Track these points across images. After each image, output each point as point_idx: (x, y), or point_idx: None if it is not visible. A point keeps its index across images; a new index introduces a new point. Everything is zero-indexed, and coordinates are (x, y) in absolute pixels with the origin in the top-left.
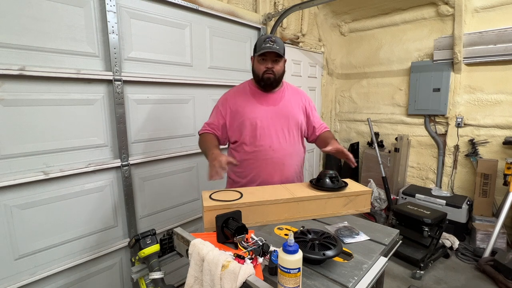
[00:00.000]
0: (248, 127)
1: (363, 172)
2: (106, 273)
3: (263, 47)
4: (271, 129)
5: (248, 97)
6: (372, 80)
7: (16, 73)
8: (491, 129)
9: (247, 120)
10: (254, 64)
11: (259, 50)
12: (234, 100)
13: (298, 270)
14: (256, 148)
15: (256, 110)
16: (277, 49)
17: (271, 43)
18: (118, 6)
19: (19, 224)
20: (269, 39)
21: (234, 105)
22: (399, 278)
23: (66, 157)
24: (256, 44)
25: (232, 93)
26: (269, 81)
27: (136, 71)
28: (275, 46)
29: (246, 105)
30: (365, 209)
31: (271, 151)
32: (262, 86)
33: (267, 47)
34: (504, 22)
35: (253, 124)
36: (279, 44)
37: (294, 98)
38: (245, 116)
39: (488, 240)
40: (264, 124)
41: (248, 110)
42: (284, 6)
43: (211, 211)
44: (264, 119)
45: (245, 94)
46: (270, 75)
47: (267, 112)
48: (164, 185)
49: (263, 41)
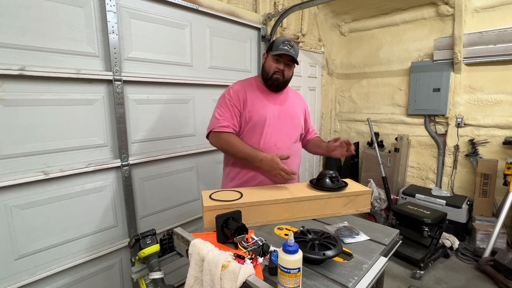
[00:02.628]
0: (256, 123)
1: (363, 172)
2: (106, 273)
3: (280, 48)
4: (278, 127)
5: (256, 92)
6: (372, 80)
7: (16, 73)
8: (491, 129)
9: (255, 116)
10: (266, 61)
11: (275, 50)
12: (244, 92)
13: (298, 270)
14: (261, 145)
15: (265, 107)
16: (293, 54)
17: (289, 47)
18: (118, 6)
19: (19, 224)
20: (288, 42)
21: (244, 96)
22: (399, 278)
23: (66, 157)
24: (274, 42)
25: (240, 85)
26: (277, 81)
27: (136, 71)
28: (292, 51)
29: (255, 100)
30: (365, 209)
31: (276, 149)
32: (269, 86)
33: (285, 49)
34: (504, 22)
35: (261, 120)
36: (295, 50)
37: (296, 100)
38: (253, 111)
39: (488, 240)
40: (272, 122)
41: (257, 105)
42: (284, 6)
43: (211, 211)
44: (272, 117)
45: (253, 89)
46: (279, 76)
47: (274, 111)
48: (164, 185)
49: (281, 42)
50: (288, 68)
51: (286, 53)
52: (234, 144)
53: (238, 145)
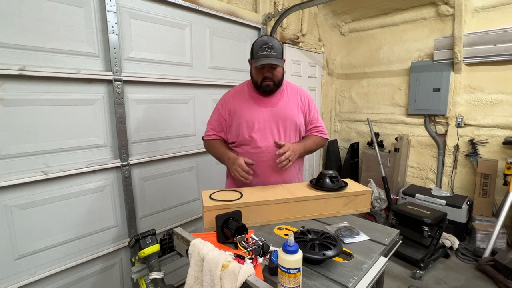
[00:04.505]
0: (245, 129)
1: (363, 172)
2: (106, 273)
3: (259, 56)
4: (267, 131)
5: (246, 98)
6: (372, 80)
7: (16, 73)
8: (491, 129)
9: (244, 122)
10: (251, 70)
11: (255, 57)
12: (232, 101)
13: (298, 270)
14: (253, 150)
15: (254, 112)
16: (274, 56)
17: (268, 50)
18: (118, 6)
19: (19, 224)
20: (265, 45)
21: (232, 106)
22: (399, 278)
23: (66, 157)
24: (253, 48)
25: (230, 94)
26: (268, 88)
27: (136, 71)
28: (272, 53)
29: (243, 107)
30: (365, 209)
31: (268, 153)
32: (262, 92)
33: (264, 55)
34: (504, 22)
35: (250, 126)
36: (276, 49)
37: (293, 99)
38: (242, 117)
39: (488, 240)
40: (261, 126)
41: (245, 111)
42: (284, 6)
43: (211, 211)
44: (261, 121)
45: (243, 95)
46: (269, 82)
47: (264, 114)
48: (164, 185)
49: (259, 48)
50: (275, 71)
51: (266, 63)
52: (214, 147)
53: (216, 148)
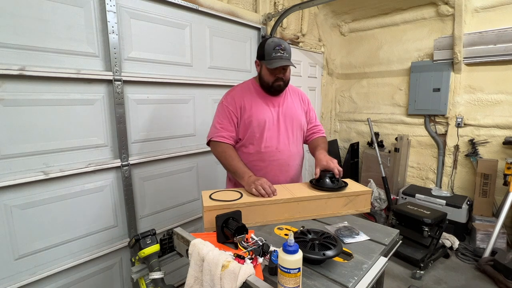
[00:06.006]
0: (256, 128)
1: (363, 172)
2: (106, 273)
3: (274, 57)
4: (277, 130)
5: (254, 96)
6: (372, 80)
7: (16, 73)
8: (491, 129)
9: (255, 121)
10: (262, 71)
11: (268, 58)
12: (241, 98)
13: (298, 270)
14: (263, 149)
15: (264, 111)
16: (287, 58)
17: (281, 52)
18: (118, 6)
19: (19, 224)
20: (279, 47)
21: (242, 103)
22: (399, 278)
23: (66, 157)
24: (265, 50)
25: (238, 91)
26: (279, 88)
27: (136, 71)
28: (285, 55)
29: (253, 105)
30: (365, 209)
31: (277, 152)
32: (272, 92)
33: (278, 57)
34: (504, 22)
35: (261, 125)
36: (288, 51)
37: (296, 99)
38: (252, 116)
39: (488, 240)
40: (271, 125)
41: (255, 110)
42: (284, 6)
43: (211, 211)
44: (271, 120)
45: (251, 93)
46: (280, 83)
47: (273, 114)
48: (164, 185)
49: (272, 49)
50: (286, 72)
51: (283, 65)
52: (230, 157)
53: (231, 157)
